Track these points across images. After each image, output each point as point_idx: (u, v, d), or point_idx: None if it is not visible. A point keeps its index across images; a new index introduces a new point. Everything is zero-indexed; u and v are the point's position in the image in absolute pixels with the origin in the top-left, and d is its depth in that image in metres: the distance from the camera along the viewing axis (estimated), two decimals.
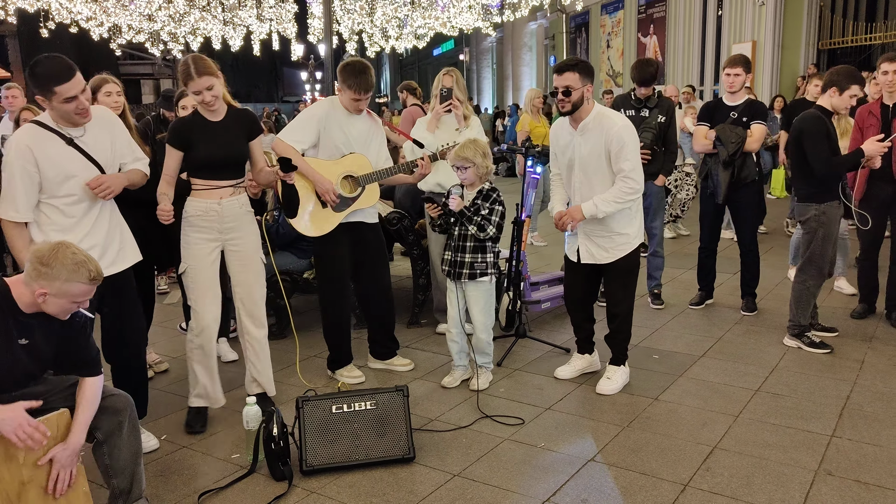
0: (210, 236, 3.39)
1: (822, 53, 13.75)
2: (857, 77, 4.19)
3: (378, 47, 20.96)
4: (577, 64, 3.61)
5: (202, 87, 3.23)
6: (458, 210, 3.67)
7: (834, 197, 4.26)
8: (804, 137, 4.22)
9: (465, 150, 3.67)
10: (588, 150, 3.63)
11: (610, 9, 19.94)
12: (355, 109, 3.84)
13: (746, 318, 5.06)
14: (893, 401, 3.63)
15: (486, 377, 3.93)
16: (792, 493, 2.82)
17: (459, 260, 3.76)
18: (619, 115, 3.70)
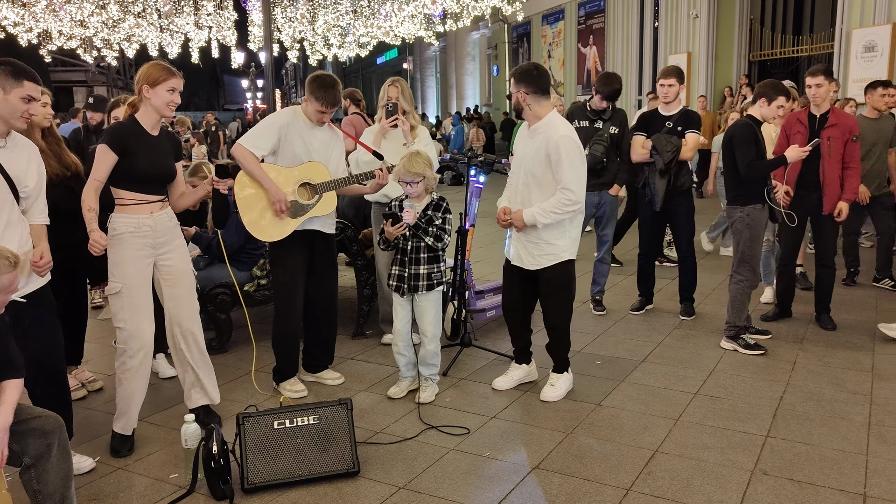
0: (144, 252, 3.29)
1: (754, 65, 14.24)
2: (783, 89, 4.44)
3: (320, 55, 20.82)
4: (516, 71, 3.75)
5: (179, 86, 3.28)
6: (414, 223, 3.66)
7: (758, 200, 4.45)
8: (734, 142, 4.45)
9: (415, 165, 3.65)
10: (533, 152, 3.70)
11: (551, 19, 20.27)
12: (318, 121, 3.83)
13: (685, 322, 5.18)
14: (824, 400, 3.76)
15: (432, 390, 3.91)
16: (730, 494, 2.89)
17: (414, 273, 3.73)
18: (566, 124, 3.74)
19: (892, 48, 10.08)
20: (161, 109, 3.28)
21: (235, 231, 4.49)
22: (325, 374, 4.20)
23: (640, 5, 16.31)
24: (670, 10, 15.01)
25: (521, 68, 3.76)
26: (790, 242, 5.00)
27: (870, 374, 4.10)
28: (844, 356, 4.39)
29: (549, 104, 3.75)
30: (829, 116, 4.73)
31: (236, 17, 16.97)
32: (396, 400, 3.89)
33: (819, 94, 4.67)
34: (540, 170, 3.68)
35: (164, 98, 3.25)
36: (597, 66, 17.93)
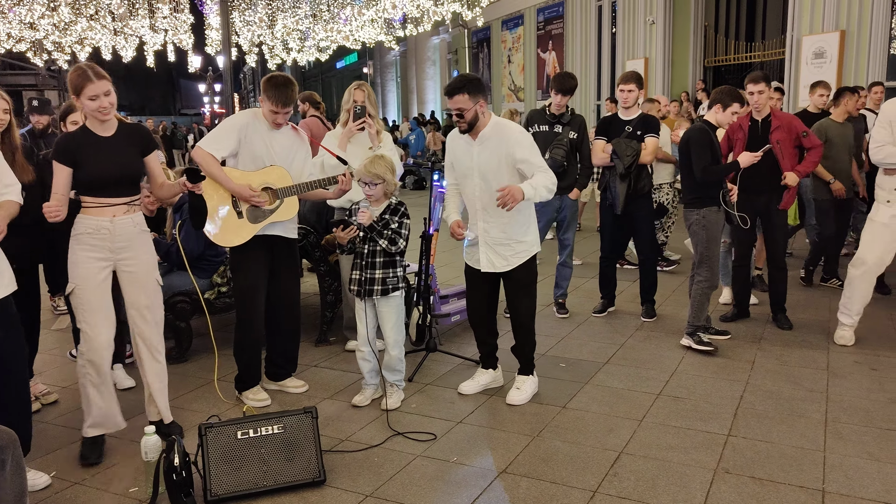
0: (100, 255, 3.21)
1: (709, 70, 14.55)
2: (737, 96, 4.57)
3: (279, 59, 20.64)
4: (464, 85, 3.59)
5: (100, 91, 3.10)
6: (368, 224, 3.63)
7: (714, 203, 4.55)
8: (690, 147, 4.55)
9: (376, 167, 3.64)
10: (488, 158, 3.69)
11: (510, 25, 20.42)
12: (273, 122, 3.78)
13: (647, 324, 5.25)
14: (782, 399, 3.84)
15: (398, 396, 3.89)
16: (694, 493, 2.93)
17: (370, 277, 3.71)
18: (515, 124, 3.78)
19: (841, 55, 10.40)
20: (93, 116, 3.18)
21: (195, 237, 4.41)
22: (289, 382, 4.14)
23: (597, 11, 16.54)
24: (627, 16, 15.26)
25: (473, 81, 3.64)
26: (743, 244, 5.11)
27: (825, 371, 4.21)
28: (801, 355, 4.50)
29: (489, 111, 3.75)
30: (772, 120, 4.87)
31: (193, 20, 16.72)
32: (361, 407, 3.86)
33: (761, 100, 4.83)
34: (499, 172, 3.68)
35: (88, 106, 3.13)
36: (556, 71, 18.11)
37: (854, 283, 4.60)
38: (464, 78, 3.65)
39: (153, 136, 3.50)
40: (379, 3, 13.49)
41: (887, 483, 2.97)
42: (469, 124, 3.65)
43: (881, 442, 3.33)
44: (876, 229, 4.49)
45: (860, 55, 10.22)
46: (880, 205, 4.48)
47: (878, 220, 4.48)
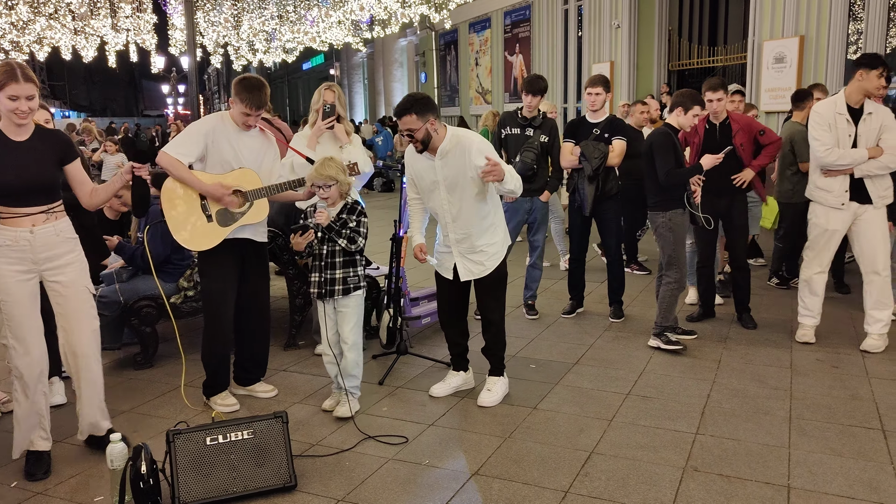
0: (23, 267, 3.09)
1: (673, 74, 14.77)
2: (698, 99, 4.64)
3: (245, 60, 20.44)
4: (411, 106, 3.54)
5: (23, 93, 2.96)
6: (326, 224, 3.61)
7: (678, 205, 4.63)
8: (654, 150, 4.61)
9: (328, 169, 3.60)
10: (452, 171, 3.67)
11: (477, 28, 20.50)
12: (244, 125, 3.73)
13: (615, 324, 5.31)
14: (748, 397, 3.91)
15: (354, 404, 3.79)
16: (664, 492, 2.96)
17: (330, 277, 3.68)
18: (472, 133, 3.76)
19: (800, 59, 10.63)
20: (6, 117, 3.02)
21: (161, 240, 4.34)
22: (258, 386, 4.10)
23: (563, 15, 16.68)
24: (593, 19, 15.41)
25: (420, 101, 3.58)
26: (706, 245, 5.20)
27: (789, 370, 4.29)
28: (765, 354, 4.58)
29: (444, 124, 3.72)
30: (732, 124, 4.96)
31: (156, 20, 16.47)
32: (331, 412, 3.83)
33: (720, 107, 4.93)
34: (465, 184, 3.67)
35: (6, 106, 2.98)
36: (523, 74, 18.23)
37: (812, 284, 4.70)
38: (411, 98, 3.61)
39: (73, 145, 3.34)
40: (346, 5, 13.44)
41: (850, 478, 3.04)
42: (423, 143, 3.62)
43: (843, 438, 3.40)
44: (828, 235, 4.57)
45: (819, 60, 10.46)
46: (828, 208, 4.52)
47: (830, 226, 4.54)
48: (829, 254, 4.65)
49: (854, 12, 10.22)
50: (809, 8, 10.59)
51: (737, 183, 4.97)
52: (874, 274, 4.56)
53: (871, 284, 4.58)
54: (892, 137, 4.41)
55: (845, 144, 4.41)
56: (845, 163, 4.40)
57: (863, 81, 4.37)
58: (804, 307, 4.77)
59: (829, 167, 4.47)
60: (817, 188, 4.58)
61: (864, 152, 4.39)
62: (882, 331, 4.59)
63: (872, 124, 4.41)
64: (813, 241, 4.66)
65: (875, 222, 4.52)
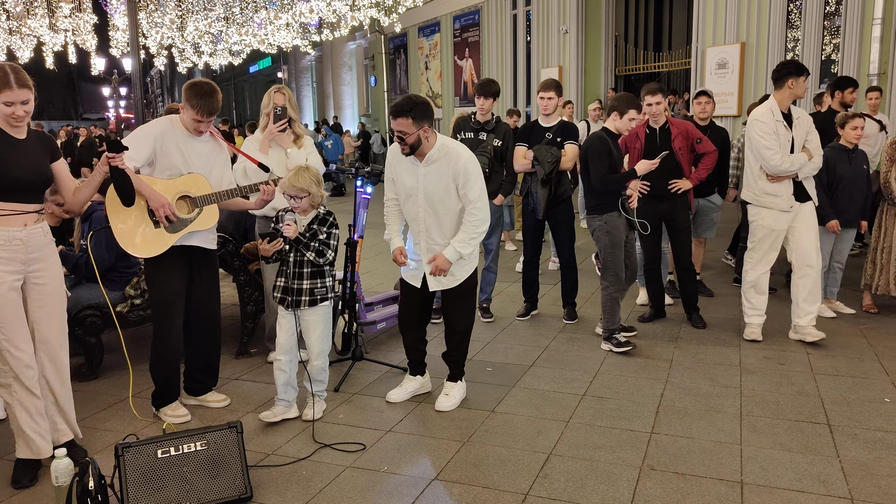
0: (13, 268, 3.02)
1: (620, 79, 15.07)
2: (634, 103, 4.69)
3: (190, 63, 20.02)
4: (410, 109, 3.49)
5: (18, 99, 2.96)
6: (294, 237, 3.55)
7: (613, 209, 4.69)
8: (589, 155, 4.66)
9: (301, 180, 3.54)
10: (434, 182, 3.65)
11: (427, 32, 20.53)
12: (196, 130, 3.64)
13: (569, 326, 5.36)
14: (700, 395, 3.99)
15: (320, 406, 3.80)
16: (622, 491, 2.99)
17: (297, 287, 3.61)
18: (462, 146, 3.71)
19: (742, 65, 10.96)
20: (5, 121, 3.02)
21: (106, 247, 4.20)
22: (209, 396, 3.99)
23: (512, 20, 16.84)
24: (541, 25, 15.60)
25: (420, 106, 3.52)
26: (650, 247, 5.29)
27: (738, 368, 4.40)
28: (715, 352, 4.69)
29: (435, 132, 3.69)
30: (671, 129, 5.06)
31: (96, 20, 16.00)
32: (287, 420, 3.75)
33: (658, 110, 5.03)
34: (445, 196, 3.66)
35: (2, 111, 2.97)
36: (473, 78, 18.33)
37: (759, 284, 4.84)
38: (410, 101, 3.54)
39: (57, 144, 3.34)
40: (295, 7, 13.29)
41: (799, 472, 3.12)
42: (411, 147, 3.58)
43: (791, 433, 3.50)
44: (775, 236, 4.70)
45: (759, 66, 10.80)
46: (774, 212, 4.66)
47: (778, 227, 4.67)
48: (775, 254, 4.78)
49: (791, 21, 10.58)
50: (750, 16, 10.93)
51: (672, 189, 5.06)
52: (808, 267, 4.74)
53: (806, 278, 4.75)
54: (815, 139, 4.67)
55: (786, 149, 4.56)
56: (795, 168, 4.56)
57: (794, 88, 4.56)
58: (752, 307, 4.90)
59: (782, 174, 4.59)
60: (766, 194, 4.69)
61: (804, 156, 4.57)
62: (812, 322, 4.78)
63: (801, 128, 4.63)
64: (759, 244, 4.78)
65: (809, 219, 4.72)
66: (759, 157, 4.62)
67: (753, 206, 4.78)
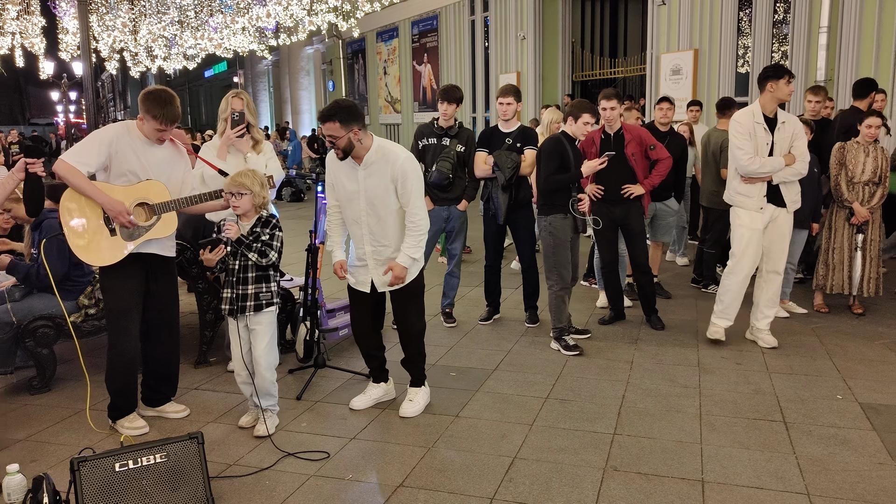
0: None
1: (577, 84, 15.25)
2: (587, 107, 4.78)
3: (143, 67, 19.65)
4: (336, 113, 3.49)
5: None
6: (236, 238, 3.49)
7: (560, 211, 4.75)
8: (542, 156, 4.75)
9: (243, 177, 3.49)
10: (374, 184, 3.64)
11: (385, 37, 20.50)
12: (158, 140, 3.57)
13: (530, 329, 5.39)
14: (660, 396, 4.05)
15: (273, 422, 3.69)
16: (586, 493, 3.02)
17: (242, 293, 3.55)
18: (400, 147, 3.72)
19: (695, 71, 11.19)
20: None
21: (58, 256, 4.09)
22: (168, 407, 3.91)
23: (470, 26, 16.92)
24: (499, 31, 15.72)
25: (345, 109, 3.51)
26: (607, 249, 5.35)
27: (697, 368, 4.48)
28: (674, 353, 4.77)
29: (369, 133, 3.69)
30: (625, 134, 5.14)
31: (45, 23, 15.57)
32: (249, 429, 3.70)
33: (613, 115, 5.10)
34: (386, 198, 3.65)
35: None
36: (432, 83, 18.36)
37: (735, 289, 4.84)
38: (336, 105, 3.54)
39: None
40: (251, 12, 13.14)
41: (758, 469, 3.19)
42: (344, 151, 3.57)
43: (749, 431, 3.58)
44: (753, 235, 4.71)
45: (712, 72, 11.05)
46: (750, 212, 4.71)
47: (755, 226, 4.71)
48: (756, 255, 4.78)
49: (742, 28, 10.85)
50: (702, 23, 11.18)
51: (625, 194, 5.12)
52: (775, 273, 4.83)
53: (770, 282, 4.85)
54: (801, 145, 4.71)
55: (763, 152, 4.63)
56: (766, 171, 4.63)
57: (775, 91, 4.62)
58: (723, 310, 4.90)
59: (750, 175, 4.66)
60: (738, 193, 4.77)
61: (781, 160, 4.63)
62: (768, 326, 4.90)
63: (785, 133, 4.67)
64: (737, 244, 4.80)
65: (785, 225, 4.79)
66: (732, 157, 4.73)
67: (733, 207, 4.85)
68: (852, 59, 9.27)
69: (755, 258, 4.78)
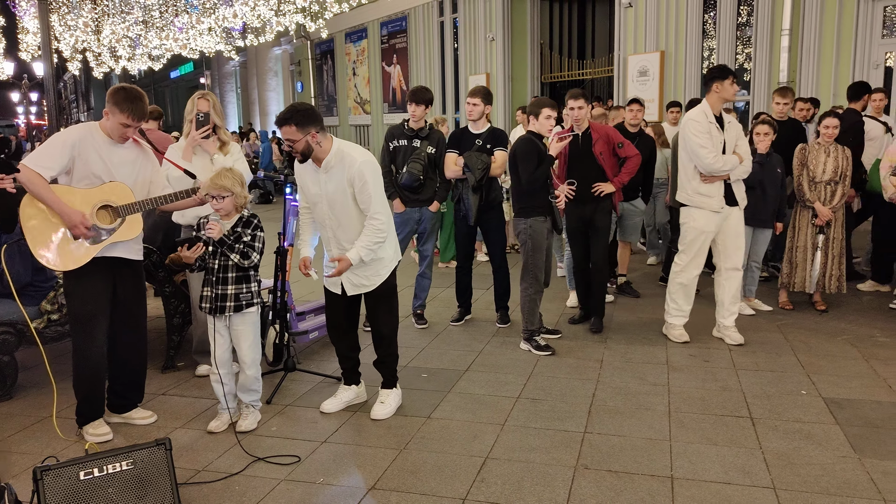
0: None
1: (546, 86, 15.34)
2: (545, 102, 4.84)
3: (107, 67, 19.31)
4: (291, 116, 3.47)
5: None
6: (218, 238, 3.46)
7: (539, 213, 4.77)
8: (517, 158, 4.76)
9: (223, 179, 3.49)
10: (334, 187, 3.62)
11: (354, 38, 20.41)
12: (122, 137, 3.50)
13: (502, 329, 5.41)
14: (630, 394, 4.09)
15: (254, 417, 3.73)
16: (557, 492, 3.04)
17: (222, 293, 3.54)
18: (360, 150, 3.69)
19: (661, 73, 11.33)
20: None
21: (20, 261, 4.00)
22: (135, 413, 3.85)
23: (439, 27, 16.92)
24: (468, 32, 15.75)
25: (301, 112, 3.49)
26: (579, 249, 5.38)
27: (665, 366, 4.53)
28: (643, 351, 4.82)
29: (328, 135, 3.66)
30: (592, 133, 5.16)
31: (4, 22, 15.25)
32: (218, 434, 3.66)
33: (580, 115, 5.11)
34: (345, 201, 3.63)
35: None
36: (402, 84, 18.33)
37: (690, 287, 4.96)
38: (292, 109, 3.53)
39: None
40: (218, 12, 12.99)
41: (725, 465, 3.24)
42: (303, 154, 3.56)
43: (717, 427, 3.63)
44: (708, 237, 4.83)
45: (678, 73, 11.20)
46: (707, 213, 4.79)
47: (709, 228, 4.81)
48: (705, 255, 4.92)
49: (707, 31, 11.02)
50: (668, 25, 11.32)
51: (595, 192, 5.13)
52: (734, 270, 4.92)
53: (731, 280, 4.94)
54: (744, 144, 4.86)
55: (720, 151, 4.72)
56: (728, 168, 4.72)
57: (720, 92, 4.73)
58: (677, 308, 5.02)
59: (714, 173, 4.73)
60: (699, 194, 4.82)
61: (736, 158, 4.74)
62: (733, 322, 4.99)
63: (732, 132, 4.80)
64: (689, 245, 4.90)
65: (739, 223, 4.90)
66: (694, 157, 4.74)
67: (686, 207, 4.91)
68: (813, 61, 9.47)
69: (704, 259, 4.94)
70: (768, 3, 9.91)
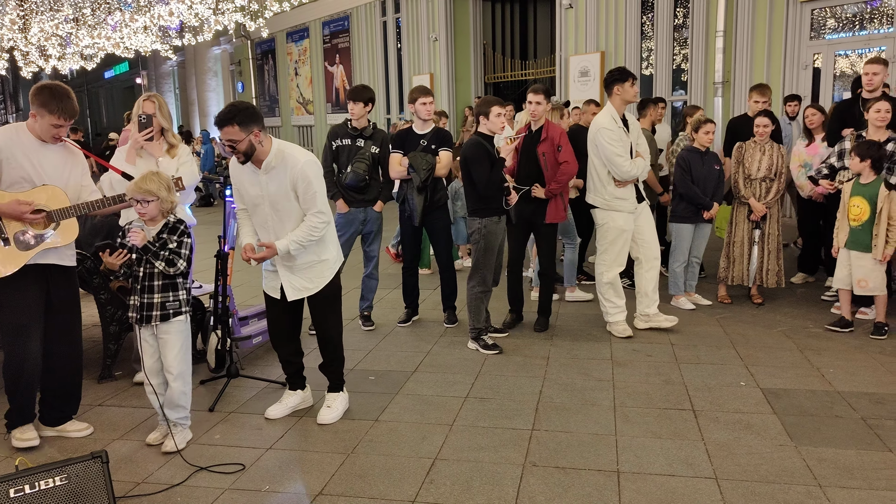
0: None
1: (489, 86, 15.43)
2: (493, 101, 4.85)
3: (36, 67, 18.58)
4: (234, 116, 3.38)
5: None
6: (143, 245, 3.34)
7: (494, 213, 4.79)
8: (469, 162, 4.74)
9: (149, 183, 3.34)
10: (276, 188, 3.55)
11: (296, 37, 20.16)
12: (52, 137, 3.35)
13: (449, 329, 5.40)
14: (576, 390, 4.14)
15: (183, 436, 3.55)
16: (506, 490, 3.04)
17: (148, 301, 3.40)
18: (300, 150, 3.62)
19: (602, 73, 11.52)
20: None
21: None
22: (69, 426, 3.70)
23: (382, 27, 16.86)
24: (411, 32, 15.73)
25: (244, 111, 3.41)
26: (516, 247, 5.39)
27: (610, 361, 4.60)
28: (588, 347, 4.88)
29: (269, 136, 3.59)
30: (542, 132, 5.15)
31: None
32: (158, 445, 3.54)
33: (538, 110, 5.12)
34: (286, 202, 3.56)
35: None
36: (345, 84, 18.19)
37: (616, 284, 5.12)
38: (233, 108, 3.42)
39: None
40: (153, 10, 12.63)
41: (669, 457, 3.30)
42: (245, 155, 3.47)
43: (661, 421, 3.70)
44: (625, 236, 5.04)
45: None
46: (625, 214, 4.99)
47: (628, 227, 5.02)
48: (626, 253, 5.13)
49: (645, 32, 11.26)
50: (608, 27, 11.52)
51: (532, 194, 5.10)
52: (655, 259, 5.17)
53: (653, 270, 5.17)
54: (644, 143, 5.14)
55: (628, 154, 4.91)
56: (638, 171, 4.94)
57: (622, 94, 4.92)
58: (614, 305, 5.13)
59: (630, 178, 4.93)
60: (617, 198, 5.00)
61: (644, 161, 5.01)
62: (656, 308, 5.18)
63: (634, 133, 5.05)
64: (611, 245, 5.06)
65: (649, 217, 5.22)
66: (610, 165, 4.89)
67: (602, 210, 5.05)
68: (747, 61, 9.77)
69: (626, 255, 5.14)
70: (703, 5, 10.18)
